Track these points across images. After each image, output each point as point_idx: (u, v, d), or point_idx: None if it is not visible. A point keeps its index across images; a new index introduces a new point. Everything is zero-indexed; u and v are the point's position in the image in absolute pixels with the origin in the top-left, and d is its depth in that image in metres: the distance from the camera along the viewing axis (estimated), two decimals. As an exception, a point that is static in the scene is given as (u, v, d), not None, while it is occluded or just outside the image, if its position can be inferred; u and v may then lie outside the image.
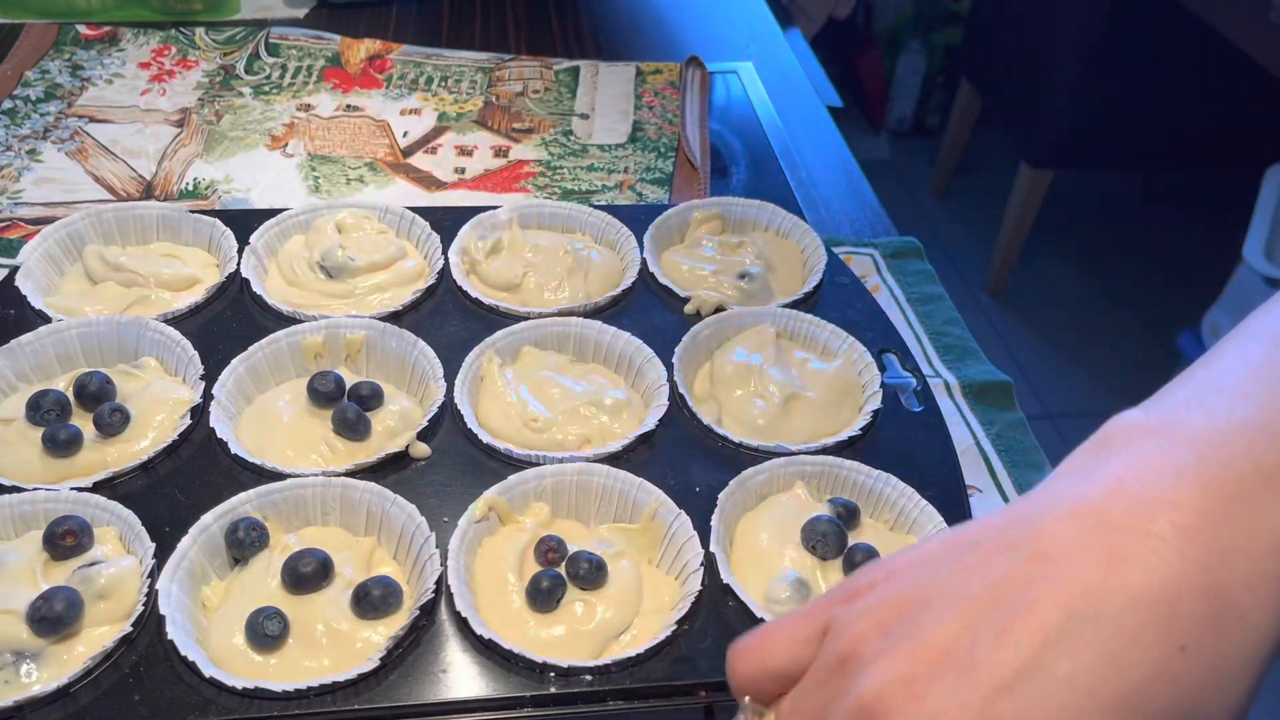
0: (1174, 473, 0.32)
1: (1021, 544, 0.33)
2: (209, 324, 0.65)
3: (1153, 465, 0.33)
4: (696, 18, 1.21)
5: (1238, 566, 0.31)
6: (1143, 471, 0.33)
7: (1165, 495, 0.32)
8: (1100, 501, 0.33)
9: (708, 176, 0.91)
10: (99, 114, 0.93)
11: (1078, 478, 0.34)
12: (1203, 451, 0.33)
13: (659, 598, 0.52)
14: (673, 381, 0.62)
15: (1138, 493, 0.32)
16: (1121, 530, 0.31)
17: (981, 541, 0.34)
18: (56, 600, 0.47)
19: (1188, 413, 0.34)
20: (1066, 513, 0.33)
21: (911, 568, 0.35)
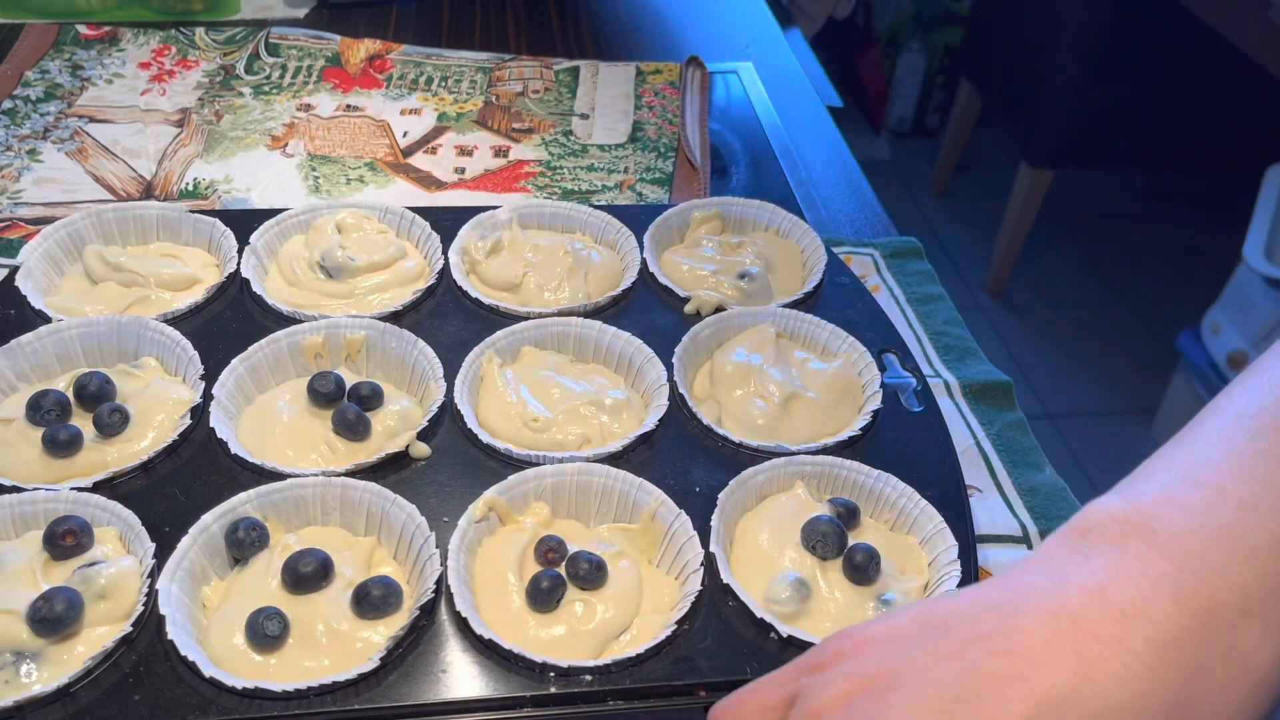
0: (1152, 585, 0.33)
1: (995, 637, 0.33)
2: (209, 324, 0.65)
3: (1132, 574, 0.33)
4: (696, 18, 1.21)
5: (1207, 689, 0.31)
6: (1122, 580, 0.33)
7: (1143, 609, 0.32)
8: (1077, 607, 0.33)
9: (708, 176, 0.91)
10: (99, 114, 0.93)
11: (1055, 573, 0.34)
12: (1182, 563, 0.33)
13: (659, 598, 0.52)
14: (673, 381, 0.62)
15: (1116, 603, 0.32)
16: (1096, 639, 0.32)
17: (954, 626, 0.34)
18: (57, 601, 0.47)
19: (1167, 511, 0.34)
20: (1043, 613, 0.33)
21: (881, 642, 0.35)
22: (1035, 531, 0.63)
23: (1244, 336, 1.84)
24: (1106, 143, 2.13)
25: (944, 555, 0.53)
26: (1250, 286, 1.81)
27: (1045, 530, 0.63)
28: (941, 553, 0.54)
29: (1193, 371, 1.94)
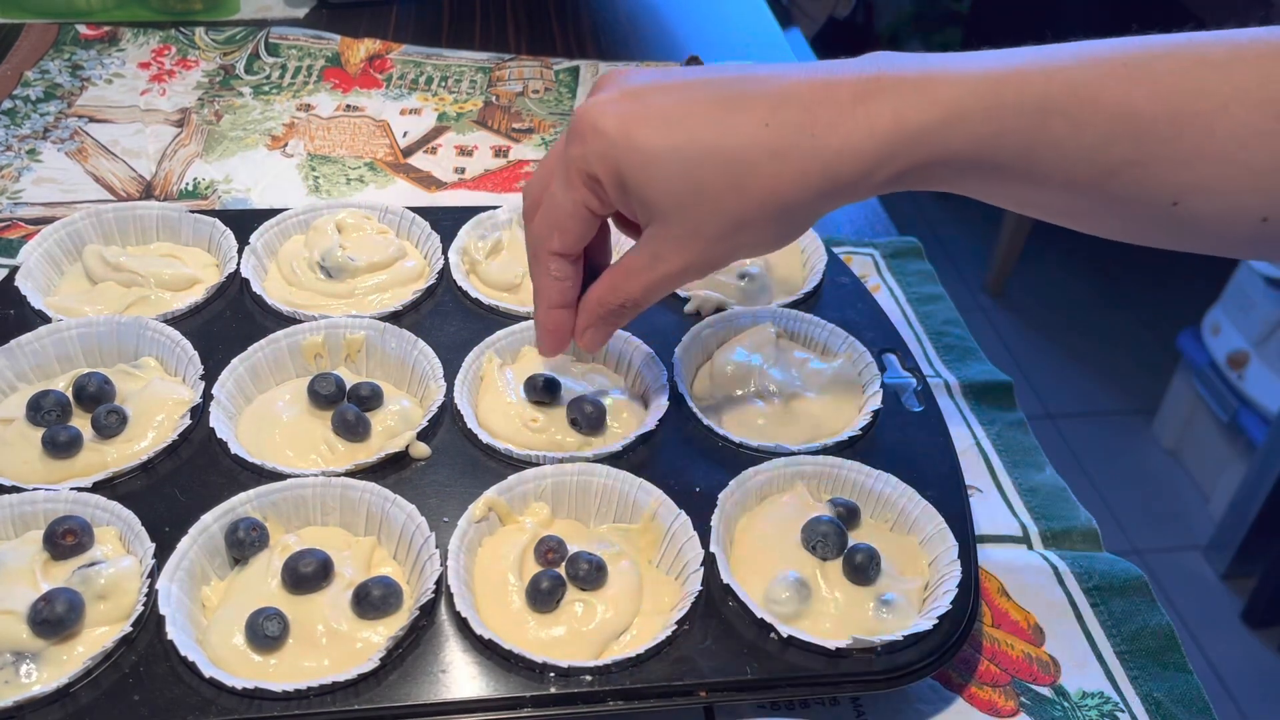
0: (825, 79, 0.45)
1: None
2: (209, 324, 0.65)
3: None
4: (696, 18, 1.21)
5: (833, 115, 0.44)
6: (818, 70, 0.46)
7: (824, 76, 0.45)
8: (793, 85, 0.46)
9: (708, 176, 0.91)
10: (99, 114, 0.93)
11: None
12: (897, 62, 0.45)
13: (659, 598, 0.52)
14: (673, 381, 0.62)
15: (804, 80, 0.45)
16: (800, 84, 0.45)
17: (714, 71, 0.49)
18: (58, 602, 0.47)
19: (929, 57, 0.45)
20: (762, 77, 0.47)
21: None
22: (1035, 532, 0.63)
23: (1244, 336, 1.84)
24: (1106, 143, 2.13)
25: (944, 555, 0.53)
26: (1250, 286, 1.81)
27: (1045, 530, 0.63)
28: (942, 553, 0.54)
29: (1193, 371, 1.94)
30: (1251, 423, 1.78)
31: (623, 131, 0.45)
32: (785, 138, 0.43)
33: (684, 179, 0.45)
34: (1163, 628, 0.58)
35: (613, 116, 0.45)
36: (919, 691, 0.53)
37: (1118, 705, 0.54)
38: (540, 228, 0.51)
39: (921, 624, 0.50)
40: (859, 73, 0.44)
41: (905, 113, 0.43)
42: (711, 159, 0.44)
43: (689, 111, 0.45)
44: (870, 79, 0.43)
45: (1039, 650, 0.56)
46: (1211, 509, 1.91)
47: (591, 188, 0.48)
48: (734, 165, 0.44)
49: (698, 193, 0.45)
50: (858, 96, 0.43)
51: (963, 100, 0.43)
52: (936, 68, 0.43)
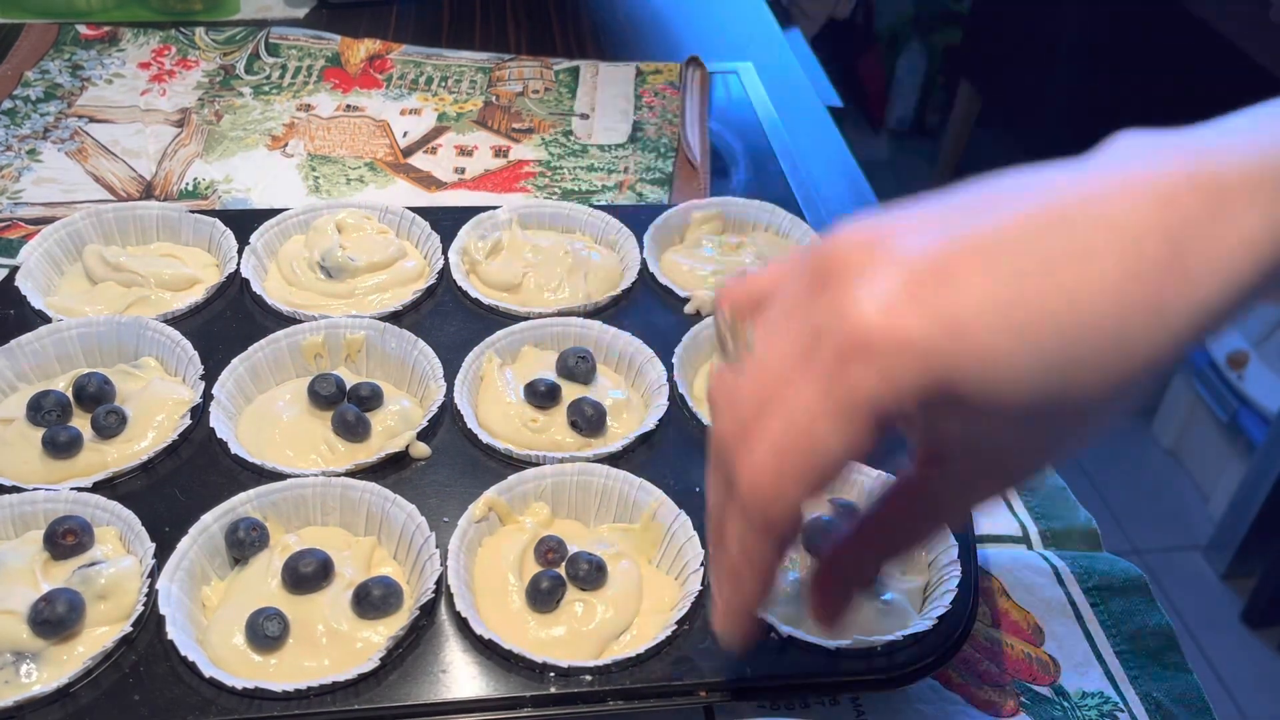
0: (1163, 158, 0.34)
1: (1014, 190, 0.35)
2: (209, 324, 0.65)
3: (1145, 152, 0.35)
4: (696, 18, 1.21)
5: (1199, 236, 0.32)
6: (1136, 154, 0.35)
7: (1151, 173, 0.33)
8: (1095, 167, 0.35)
9: (708, 176, 0.91)
10: (99, 114, 0.93)
11: (1074, 163, 0.36)
12: (1193, 151, 0.34)
13: (659, 598, 0.52)
14: (673, 381, 0.62)
15: (1131, 167, 0.34)
16: (1107, 183, 0.34)
17: (964, 197, 0.35)
18: (59, 602, 0.47)
19: (1183, 135, 0.35)
20: (1055, 172, 0.35)
21: (922, 221, 0.34)
22: (1035, 531, 0.63)
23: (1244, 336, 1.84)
24: (1106, 143, 2.13)
25: (944, 555, 0.53)
26: None
27: (1045, 530, 0.63)
28: (941, 553, 0.54)
29: (1193, 371, 1.94)
30: (1251, 423, 1.78)
31: (949, 332, 0.31)
32: (1160, 285, 0.32)
33: (1047, 371, 0.32)
34: (1163, 628, 0.58)
35: (918, 324, 0.31)
36: (919, 691, 0.53)
37: (1117, 705, 0.54)
38: (782, 476, 0.34)
39: (921, 624, 0.50)
40: (1194, 175, 0.33)
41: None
42: (1078, 340, 0.32)
43: (1018, 285, 0.31)
44: (1215, 181, 0.33)
45: (1039, 650, 0.56)
46: (1211, 509, 1.91)
47: (883, 423, 0.33)
48: (1112, 338, 0.32)
49: (1063, 380, 0.32)
50: (1217, 209, 0.33)
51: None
52: (1273, 150, 0.34)
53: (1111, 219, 0.32)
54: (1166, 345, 0.32)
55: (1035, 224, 0.33)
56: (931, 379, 0.31)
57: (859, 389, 0.32)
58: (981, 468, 0.36)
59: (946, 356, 0.31)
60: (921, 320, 0.31)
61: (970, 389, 0.31)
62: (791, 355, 0.33)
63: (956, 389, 0.31)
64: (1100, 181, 0.34)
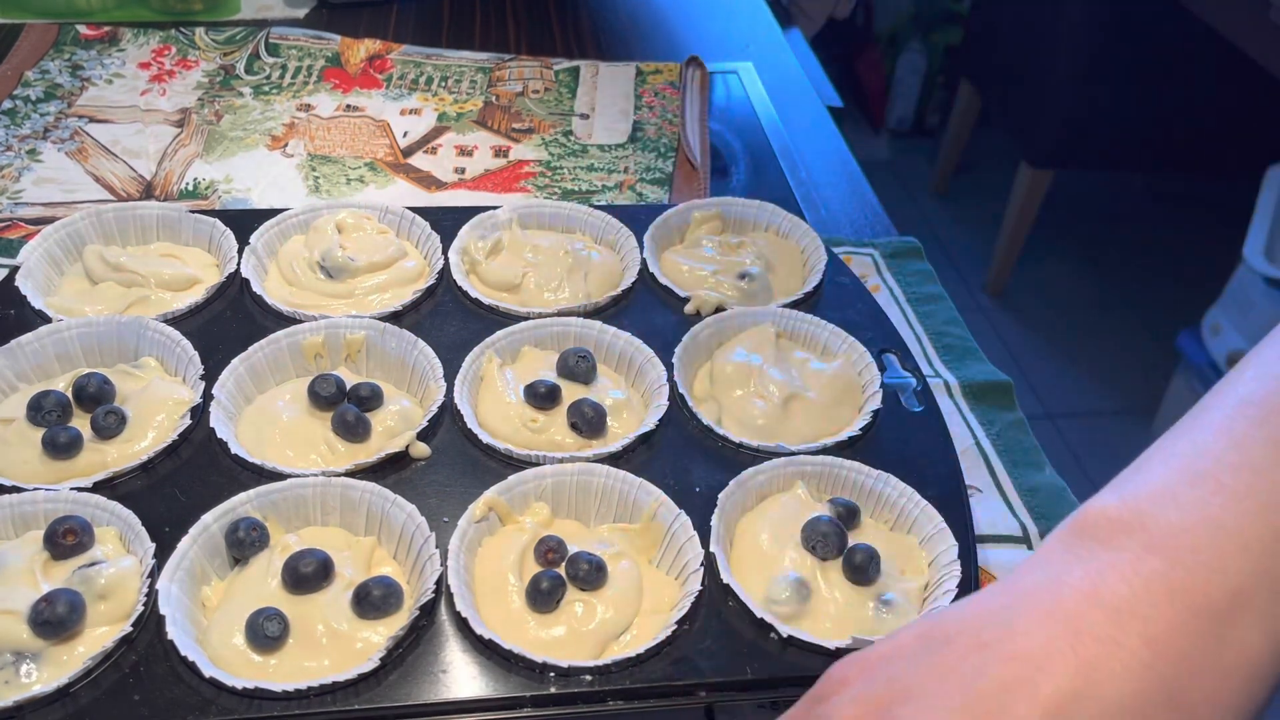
0: (1144, 582, 0.33)
1: (996, 644, 0.34)
2: (209, 324, 0.65)
3: (1125, 573, 0.34)
4: (696, 18, 1.21)
5: (1204, 680, 0.32)
6: (1115, 579, 0.33)
7: (1136, 607, 0.33)
8: (1073, 608, 0.33)
9: (708, 176, 0.91)
10: (99, 114, 0.93)
11: (1051, 575, 0.35)
12: (1174, 559, 0.33)
13: (659, 598, 0.52)
14: (673, 381, 0.62)
15: (1110, 602, 0.33)
16: (1093, 639, 0.32)
17: (955, 637, 0.35)
18: (59, 603, 0.47)
19: (1164, 505, 0.35)
20: (1041, 616, 0.34)
21: (885, 661, 0.36)
22: (1035, 531, 0.63)
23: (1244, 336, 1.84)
24: (1106, 143, 2.13)
25: (944, 555, 0.53)
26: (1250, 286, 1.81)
27: (1045, 530, 0.63)
28: (941, 553, 0.54)
29: (1193, 371, 1.94)
30: (1251, 423, 1.77)
31: None
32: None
33: None
34: (1163, 628, 0.58)
35: None
36: (919, 691, 0.53)
37: (1118, 705, 0.54)
38: None
39: (921, 624, 0.50)
40: (1185, 606, 0.32)
41: (1277, 629, 0.33)
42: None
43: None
44: (1207, 608, 0.32)
45: (1039, 650, 0.56)
46: (1211, 509, 1.91)
47: None
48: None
49: None
50: (1215, 638, 0.32)
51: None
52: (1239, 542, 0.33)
53: (1109, 699, 0.32)
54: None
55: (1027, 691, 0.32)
56: None
57: None
58: None
59: None
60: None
61: None
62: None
63: None
64: (1081, 641, 0.33)
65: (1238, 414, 0.36)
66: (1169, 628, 0.32)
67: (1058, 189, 2.22)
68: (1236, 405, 0.37)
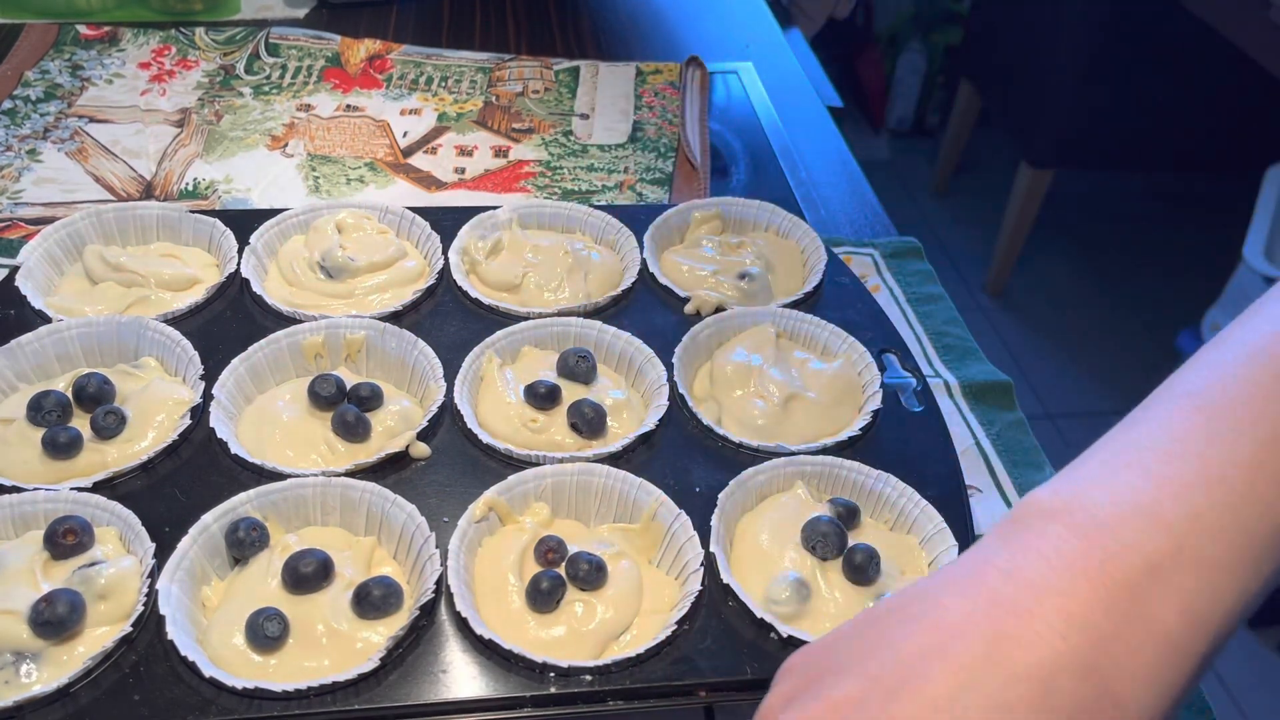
0: (1064, 561, 0.34)
1: (920, 618, 0.35)
2: (209, 324, 0.65)
3: (1045, 552, 0.35)
4: (696, 18, 1.21)
5: (1116, 652, 0.33)
6: (1035, 559, 0.35)
7: (1054, 584, 0.34)
8: (995, 584, 0.35)
9: (708, 176, 0.91)
10: (99, 114, 0.93)
11: (980, 557, 0.36)
12: (1093, 539, 0.34)
13: (659, 598, 0.52)
14: (673, 381, 0.62)
15: (1028, 578, 0.34)
16: (1010, 612, 0.34)
17: (883, 616, 0.37)
18: (59, 603, 0.47)
19: (1093, 492, 0.36)
20: (961, 592, 0.35)
21: (826, 645, 0.38)
22: (1035, 531, 0.63)
23: (1244, 336, 1.83)
24: (1106, 143, 2.13)
25: (944, 555, 0.53)
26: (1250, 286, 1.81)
27: (1045, 530, 0.63)
28: (941, 553, 0.54)
29: (1193, 371, 1.93)
30: (1251, 423, 1.77)
31: None
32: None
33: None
34: (1162, 628, 0.58)
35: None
36: (919, 691, 0.53)
37: (1117, 705, 0.54)
38: None
39: (921, 624, 0.50)
40: (1100, 574, 0.34)
41: (1195, 607, 0.33)
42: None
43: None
44: (1121, 578, 0.33)
45: (1039, 650, 0.56)
46: (1211, 509, 1.91)
47: None
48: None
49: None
50: (1130, 611, 0.33)
51: (1241, 560, 0.34)
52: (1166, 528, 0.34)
53: (1019, 665, 0.33)
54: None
55: (948, 680, 0.33)
56: None
57: None
58: None
59: None
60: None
61: None
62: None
63: None
64: (998, 611, 0.34)
65: (1177, 405, 0.38)
66: (1085, 602, 0.33)
67: (1058, 189, 2.22)
68: (1177, 397, 0.38)
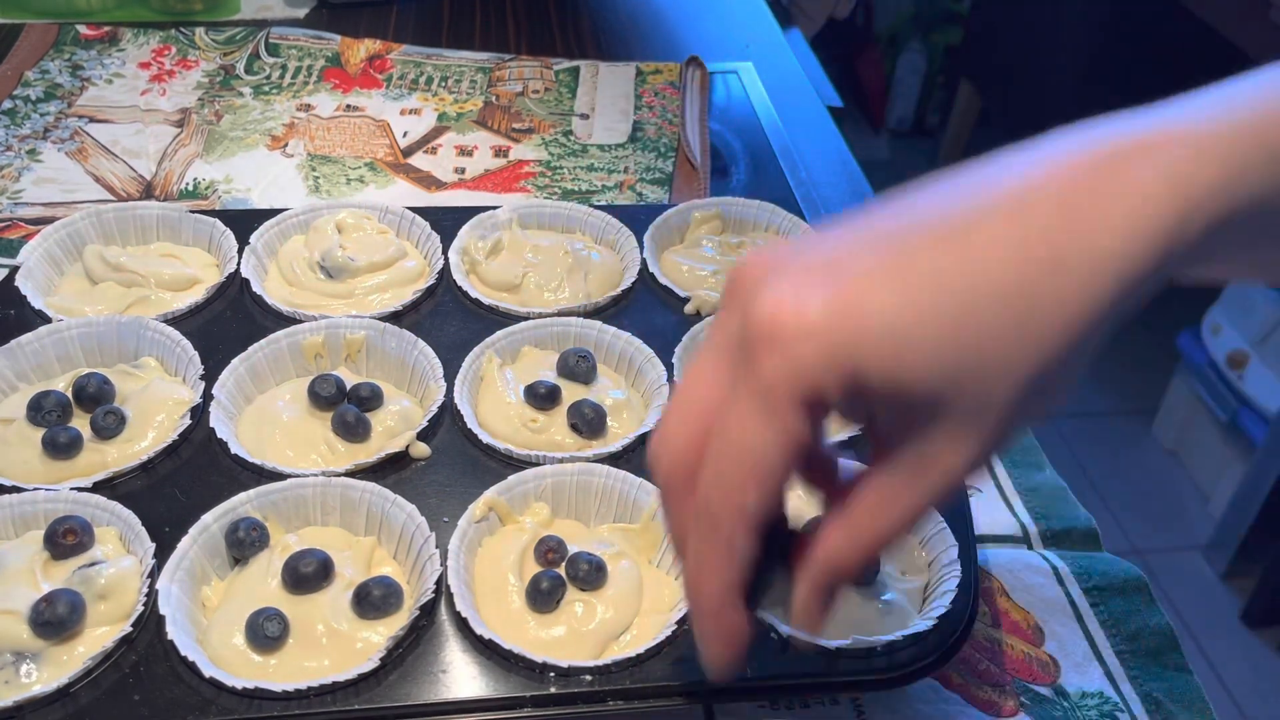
0: (1060, 137, 0.35)
1: (895, 201, 0.36)
2: (209, 324, 0.65)
3: (1051, 138, 0.35)
4: (696, 18, 1.21)
5: (1097, 199, 0.33)
6: (1038, 142, 0.35)
7: (1042, 144, 0.35)
8: (988, 166, 0.35)
9: (708, 176, 0.91)
10: (99, 114, 0.93)
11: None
12: (1097, 126, 0.35)
13: (659, 598, 0.52)
14: (673, 382, 0.62)
15: (1021, 149, 0.35)
16: (997, 165, 0.35)
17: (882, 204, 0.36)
18: (59, 603, 0.47)
19: (1116, 115, 0.36)
20: (949, 178, 0.36)
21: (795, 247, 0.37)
22: (1035, 531, 0.63)
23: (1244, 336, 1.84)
24: (1106, 143, 2.13)
25: (944, 555, 0.53)
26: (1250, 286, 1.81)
27: (1045, 530, 0.63)
28: (941, 553, 0.54)
29: (1193, 371, 1.94)
30: (1251, 423, 1.78)
31: (843, 315, 0.32)
32: (1053, 246, 0.32)
33: (952, 342, 0.32)
34: (1163, 628, 0.58)
35: (814, 304, 0.32)
36: (919, 691, 0.53)
37: (1117, 705, 0.54)
38: (723, 487, 0.35)
39: (921, 624, 0.50)
40: (1086, 147, 0.34)
41: (1178, 173, 0.33)
42: (978, 302, 0.32)
43: (909, 258, 0.33)
44: (1107, 148, 0.34)
45: (1039, 650, 0.56)
46: (1211, 509, 1.91)
47: (809, 409, 0.33)
48: (1009, 300, 0.32)
49: (977, 352, 0.33)
50: (1111, 170, 0.33)
51: (1235, 149, 0.34)
52: (1173, 119, 0.35)
53: (1002, 188, 0.33)
54: (1081, 298, 0.33)
55: (926, 206, 0.34)
56: (836, 359, 0.32)
57: (773, 378, 0.33)
58: (913, 449, 0.35)
59: (850, 338, 0.32)
60: (818, 304, 0.32)
61: (877, 370, 0.32)
62: (718, 383, 0.35)
63: (864, 372, 0.32)
64: (1002, 163, 0.35)
65: (1233, 81, 0.38)
66: (1069, 156, 0.34)
67: (1058, 189, 2.22)
68: (1231, 81, 0.38)
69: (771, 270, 0.34)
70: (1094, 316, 0.34)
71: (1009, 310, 0.32)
